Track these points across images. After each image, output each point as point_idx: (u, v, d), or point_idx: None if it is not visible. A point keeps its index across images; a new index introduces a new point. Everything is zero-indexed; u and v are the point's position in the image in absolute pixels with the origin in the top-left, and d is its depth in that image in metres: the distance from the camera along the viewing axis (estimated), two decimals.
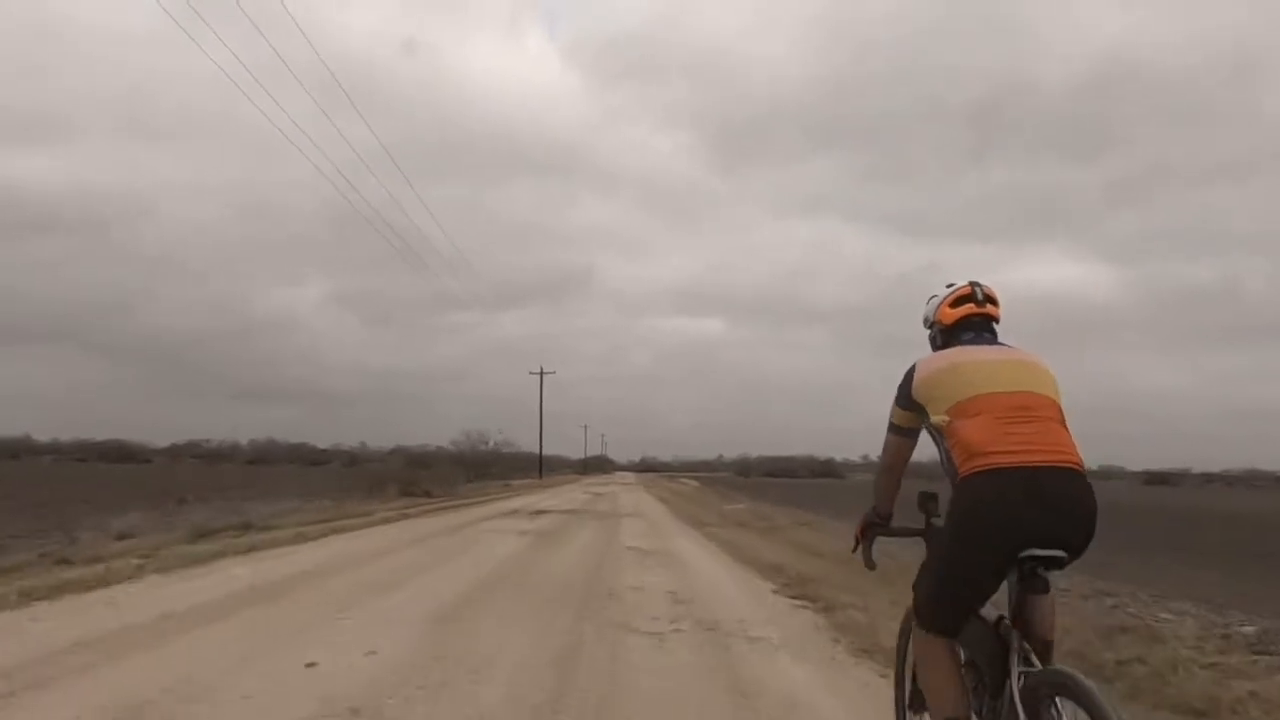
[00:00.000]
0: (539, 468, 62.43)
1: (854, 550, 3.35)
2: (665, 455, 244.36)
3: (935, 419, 2.77)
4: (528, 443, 61.68)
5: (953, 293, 3.10)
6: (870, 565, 3.29)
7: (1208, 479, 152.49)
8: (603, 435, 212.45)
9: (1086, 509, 2.57)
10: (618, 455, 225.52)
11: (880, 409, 3.07)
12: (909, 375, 2.94)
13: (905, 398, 2.93)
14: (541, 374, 64.10)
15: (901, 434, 3.02)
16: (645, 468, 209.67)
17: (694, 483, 67.08)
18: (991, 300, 3.07)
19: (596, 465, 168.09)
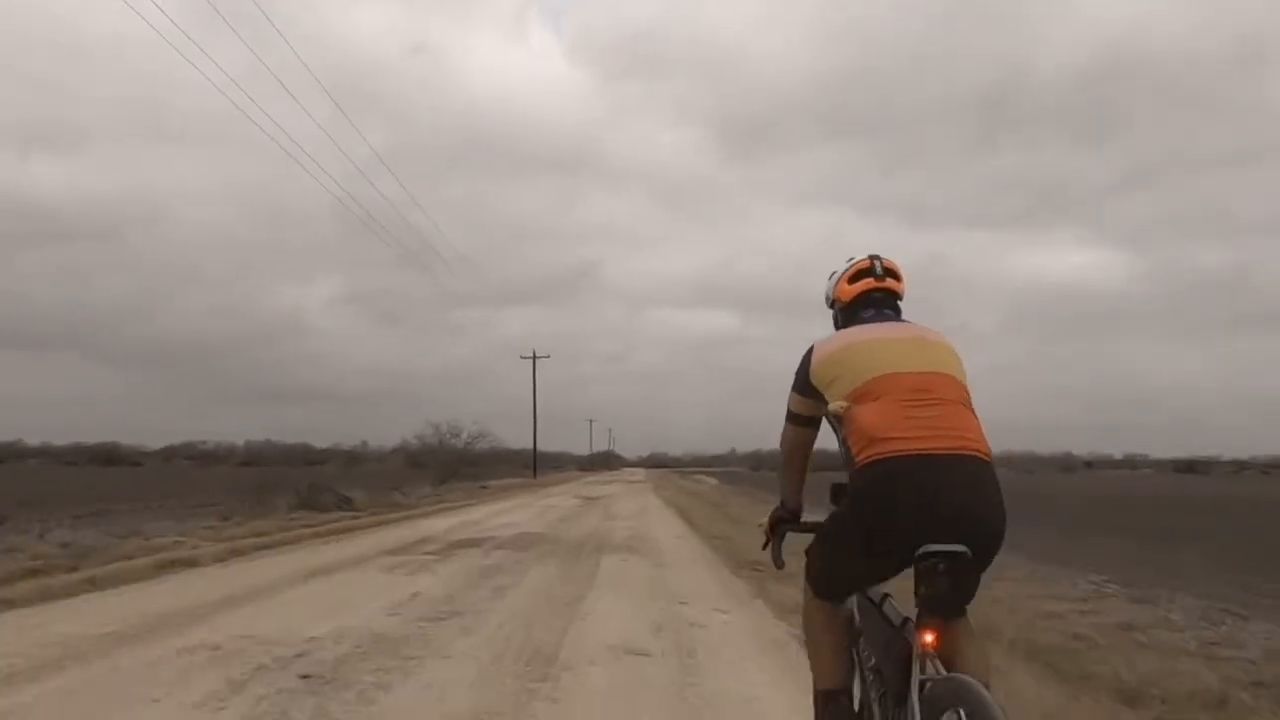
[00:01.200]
0: (533, 465, 53.99)
1: (764, 547, 3.10)
2: (676, 451, 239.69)
3: (833, 405, 2.56)
4: (526, 438, 53.34)
5: (851, 267, 2.91)
6: (779, 564, 3.05)
7: (1241, 466, 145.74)
8: (609, 430, 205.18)
9: (992, 502, 2.36)
10: (627, 451, 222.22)
11: None
12: (806, 358, 2.73)
13: (803, 383, 2.73)
14: (534, 358, 55.79)
15: (800, 423, 2.83)
16: (655, 464, 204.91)
17: (711, 480, 58.35)
18: (892, 274, 2.88)
19: (602, 462, 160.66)
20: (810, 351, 2.71)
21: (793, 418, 2.81)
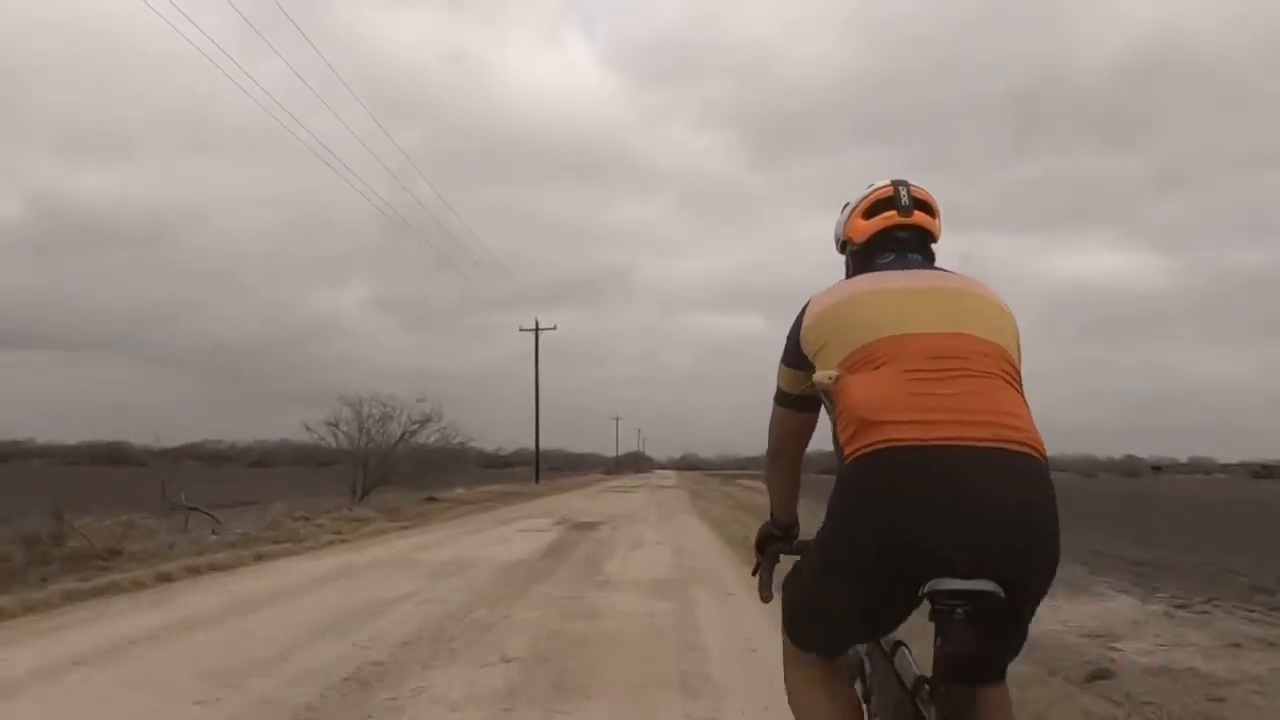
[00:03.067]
0: (534, 468, 43.02)
1: (754, 573, 2.34)
2: (708, 453, 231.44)
3: (819, 376, 1.84)
4: (558, 442, 42.83)
5: (868, 196, 2.11)
6: (765, 596, 2.27)
7: None
8: (639, 430, 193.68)
9: (1040, 520, 1.63)
10: (657, 453, 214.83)
11: None
12: (798, 319, 1.99)
13: (793, 351, 1.99)
14: (537, 330, 43.10)
15: (791, 405, 2.03)
16: (687, 466, 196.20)
17: (762, 485, 43.77)
18: (924, 206, 2.07)
19: (631, 463, 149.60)
20: (804, 309, 1.97)
21: (781, 398, 2.03)
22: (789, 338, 2.00)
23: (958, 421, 1.64)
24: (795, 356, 1.97)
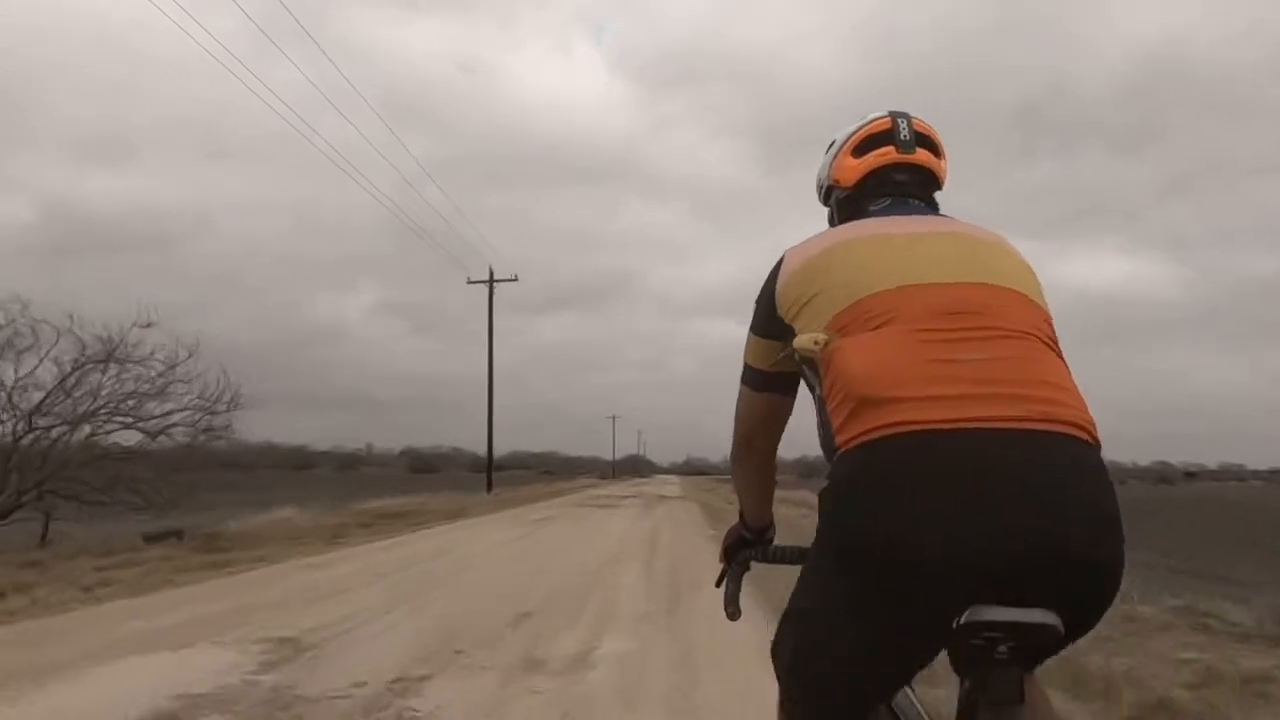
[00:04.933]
0: (487, 470, 31.99)
1: (718, 583, 1.90)
2: (714, 457, 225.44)
3: (802, 340, 1.36)
4: (554, 444, 32.15)
5: (860, 130, 1.65)
6: (732, 612, 1.84)
7: None
8: (639, 432, 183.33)
9: (1101, 523, 1.20)
10: (659, 457, 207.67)
11: None
12: (771, 276, 1.52)
13: (765, 316, 1.51)
14: (491, 281, 31.41)
15: (763, 385, 1.56)
16: (691, 470, 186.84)
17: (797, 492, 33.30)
18: (928, 143, 1.63)
19: (629, 467, 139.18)
20: (779, 264, 1.51)
21: (750, 377, 1.56)
22: (759, 300, 1.52)
23: (989, 396, 1.22)
24: (767, 322, 1.48)
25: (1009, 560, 1.14)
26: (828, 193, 1.73)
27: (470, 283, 32.40)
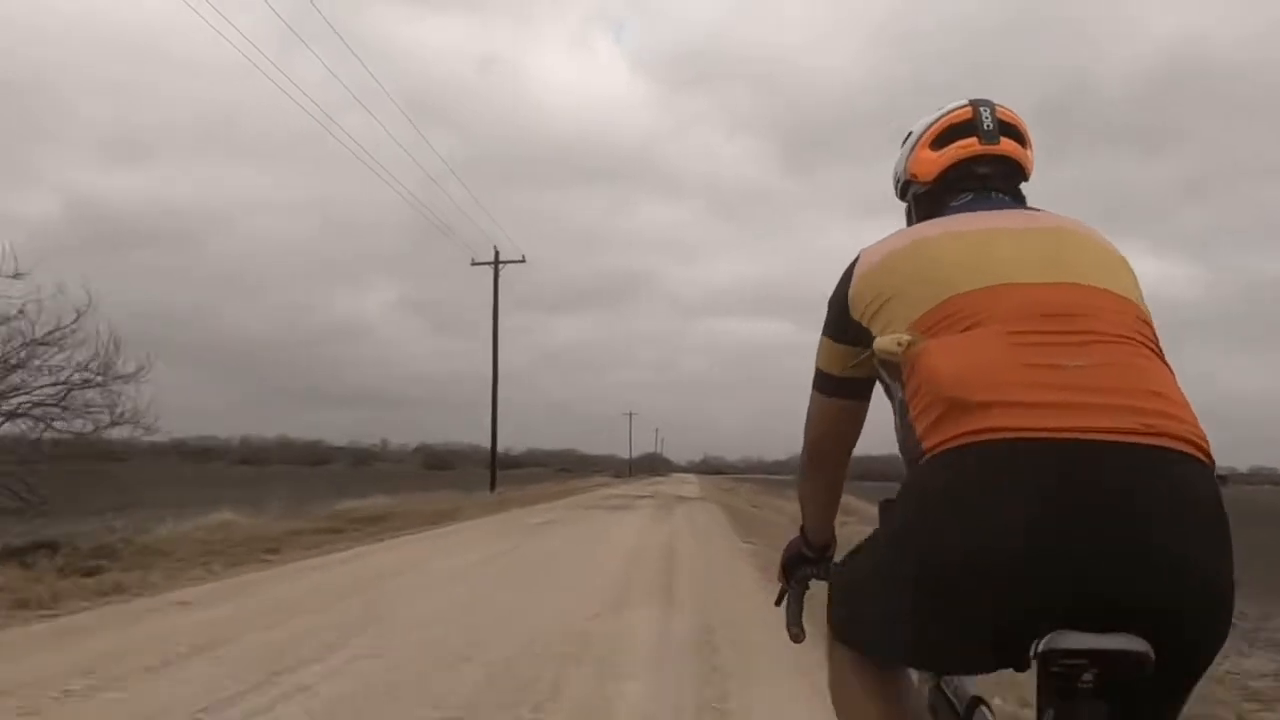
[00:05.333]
0: (490, 467, 29.39)
1: (778, 602, 1.77)
2: (731, 456, 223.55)
3: (884, 342, 1.28)
4: (571, 443, 29.27)
5: (938, 120, 1.55)
6: (796, 634, 1.72)
7: None
8: (656, 429, 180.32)
9: (1210, 547, 1.11)
10: (677, 456, 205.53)
11: None
12: (845, 276, 1.44)
13: (839, 318, 1.43)
14: (496, 263, 28.71)
15: (836, 391, 1.48)
16: (709, 469, 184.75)
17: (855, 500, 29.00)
18: (1013, 132, 1.52)
19: (647, 466, 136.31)
20: (853, 264, 1.43)
21: (823, 383, 1.48)
22: (832, 302, 1.44)
23: (1093, 406, 1.12)
24: (841, 325, 1.41)
25: (1105, 584, 1.05)
26: (904, 188, 1.63)
27: (475, 264, 29.58)
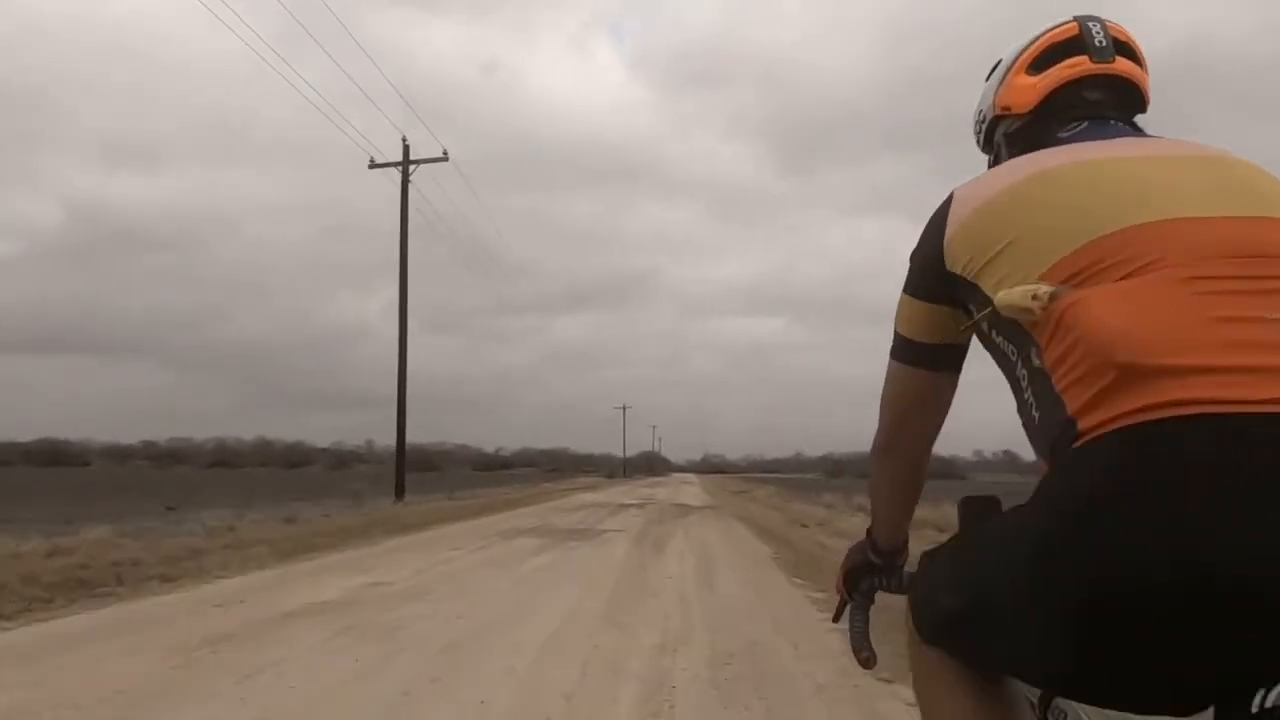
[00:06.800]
0: (397, 466, 19.45)
1: (835, 618, 1.48)
2: (732, 454, 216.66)
3: (1013, 299, 0.94)
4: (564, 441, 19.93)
5: (1037, 41, 1.24)
6: (866, 658, 1.42)
7: None
8: (654, 427, 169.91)
9: None
10: (675, 455, 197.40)
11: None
12: (938, 220, 1.11)
13: (930, 271, 1.11)
14: (405, 163, 19.02)
15: (923, 359, 1.16)
16: (709, 469, 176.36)
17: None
18: (1127, 51, 1.21)
19: (644, 465, 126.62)
20: (946, 206, 1.10)
21: (905, 351, 1.16)
22: (915, 255, 1.13)
23: None
24: (932, 280, 1.10)
25: None
26: (990, 128, 1.32)
27: (374, 166, 19.97)
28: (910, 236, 1.20)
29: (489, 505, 20.45)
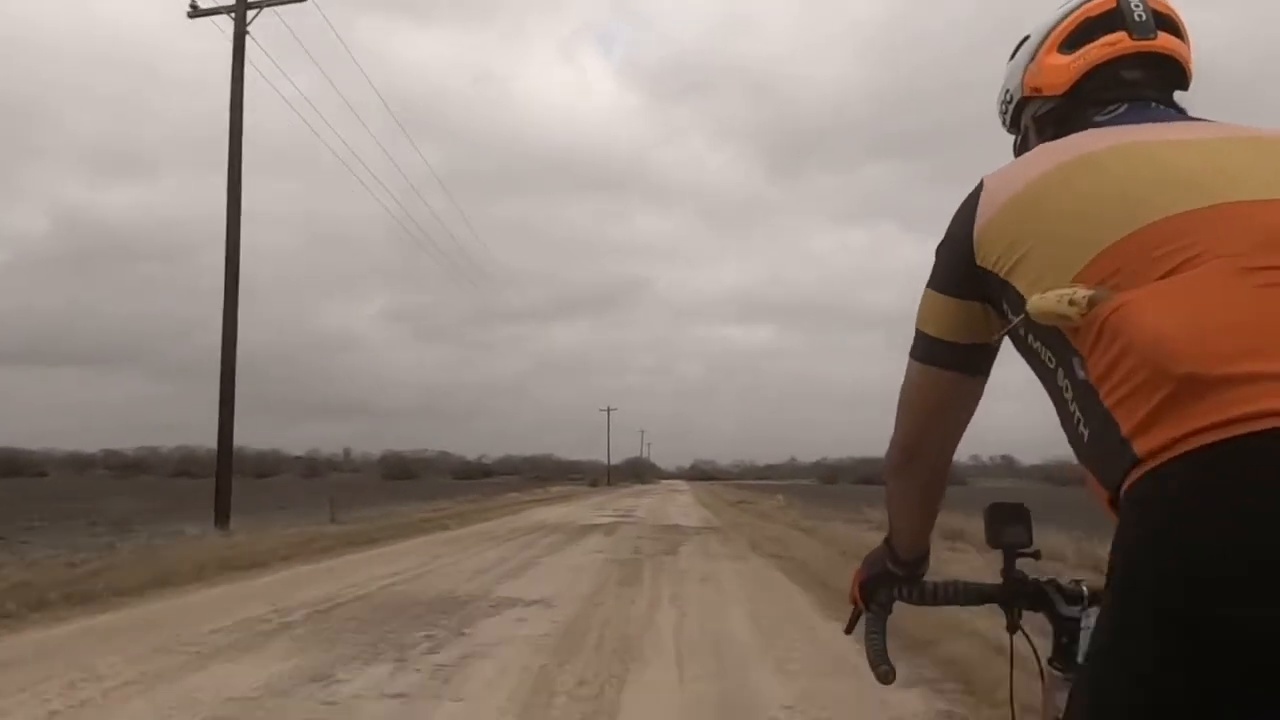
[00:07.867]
0: (218, 474, 13.36)
1: (848, 629, 1.37)
2: (723, 461, 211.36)
3: (1048, 305, 0.81)
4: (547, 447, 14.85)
5: (1069, 16, 1.10)
6: (884, 673, 1.26)
7: None
8: (642, 432, 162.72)
9: None
10: (665, 462, 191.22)
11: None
12: (967, 211, 0.98)
13: (958, 264, 0.98)
14: (241, 7, 12.46)
15: (948, 362, 1.03)
16: (699, 475, 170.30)
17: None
18: (1169, 25, 1.07)
19: (631, 472, 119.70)
20: (976, 194, 0.99)
21: (929, 351, 1.04)
22: (942, 248, 1.02)
23: None
24: (960, 275, 0.98)
25: None
26: (1017, 110, 1.19)
27: (196, 13, 13.35)
28: (901, 241, 0.45)
29: (377, 533, 13.64)
